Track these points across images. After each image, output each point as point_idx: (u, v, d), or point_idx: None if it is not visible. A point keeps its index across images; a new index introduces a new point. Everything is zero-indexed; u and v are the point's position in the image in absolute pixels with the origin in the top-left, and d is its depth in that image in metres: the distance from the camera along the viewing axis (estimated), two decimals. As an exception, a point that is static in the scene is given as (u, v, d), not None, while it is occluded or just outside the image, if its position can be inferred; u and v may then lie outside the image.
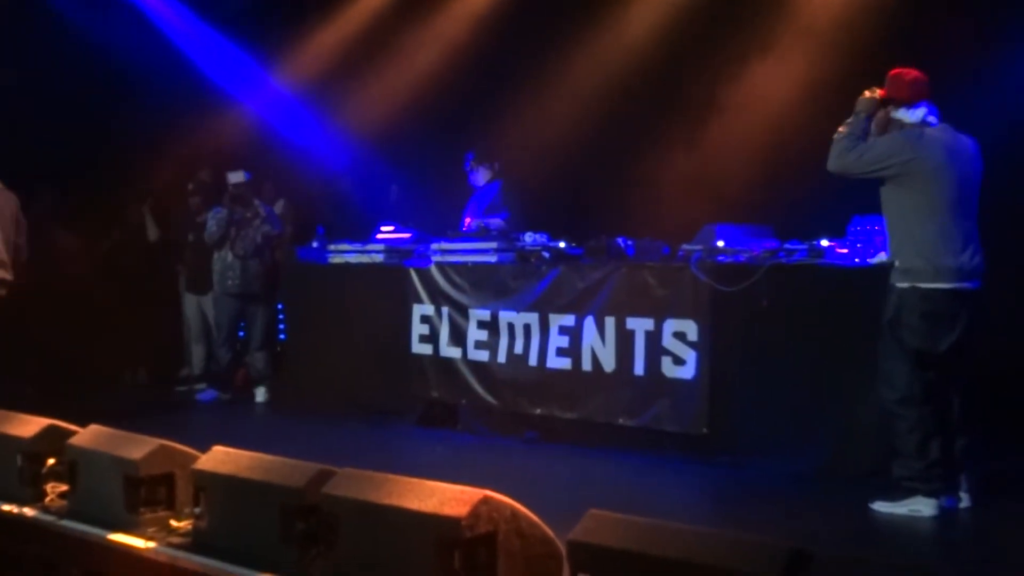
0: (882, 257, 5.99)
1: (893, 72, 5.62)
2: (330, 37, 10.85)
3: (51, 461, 4.57)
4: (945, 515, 5.35)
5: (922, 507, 5.34)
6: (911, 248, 5.42)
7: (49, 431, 4.68)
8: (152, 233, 10.66)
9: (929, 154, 5.42)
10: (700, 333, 6.61)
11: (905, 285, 5.42)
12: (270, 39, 11.11)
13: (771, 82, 8.56)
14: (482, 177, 8.76)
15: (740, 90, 8.74)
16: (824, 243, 6.36)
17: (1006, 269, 5.88)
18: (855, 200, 6.51)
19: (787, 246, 6.55)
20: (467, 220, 8.58)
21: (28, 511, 4.51)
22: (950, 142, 5.50)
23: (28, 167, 9.63)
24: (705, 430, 6.59)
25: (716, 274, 6.57)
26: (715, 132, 8.72)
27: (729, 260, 6.66)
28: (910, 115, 5.55)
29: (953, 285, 5.39)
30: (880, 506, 5.43)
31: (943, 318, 5.40)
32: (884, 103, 5.60)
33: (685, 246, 6.92)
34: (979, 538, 5.30)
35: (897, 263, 5.46)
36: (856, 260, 6.18)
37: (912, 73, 5.59)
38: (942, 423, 5.41)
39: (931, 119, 5.55)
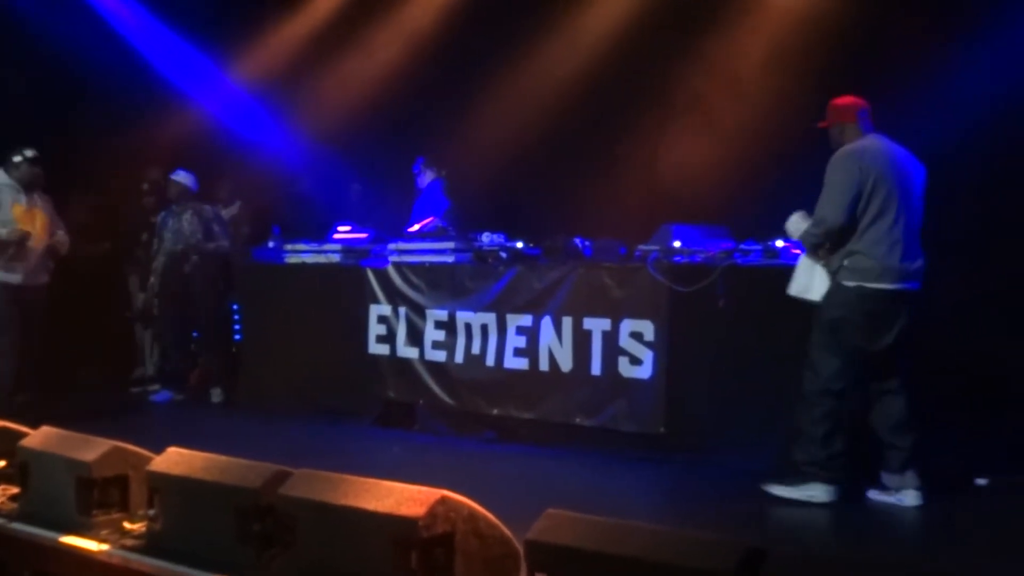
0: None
1: (832, 103, 5.85)
2: (287, 36, 10.80)
3: (2, 463, 4.52)
4: (897, 511, 5.42)
5: (818, 493, 5.50)
6: (859, 249, 5.55)
7: (0, 433, 4.62)
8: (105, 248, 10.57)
9: (871, 163, 5.59)
10: (657, 333, 6.64)
11: (852, 284, 5.56)
12: (226, 38, 11.02)
13: (727, 83, 8.62)
14: (426, 179, 9.11)
15: (696, 91, 8.80)
16: (779, 244, 6.42)
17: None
18: (810, 201, 6.57)
19: (743, 246, 6.60)
20: (417, 224, 8.64)
21: (-22, 514, 4.45)
22: (886, 150, 5.69)
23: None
24: (662, 429, 6.62)
25: (673, 274, 6.60)
26: (672, 133, 8.77)
27: (685, 260, 6.71)
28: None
29: (897, 286, 5.55)
30: (776, 490, 5.58)
31: (885, 317, 5.58)
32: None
33: (642, 246, 6.95)
34: (936, 535, 5.36)
35: (846, 263, 5.57)
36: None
37: (844, 99, 5.81)
38: (851, 419, 5.59)
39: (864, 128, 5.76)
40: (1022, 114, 6.87)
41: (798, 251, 6.31)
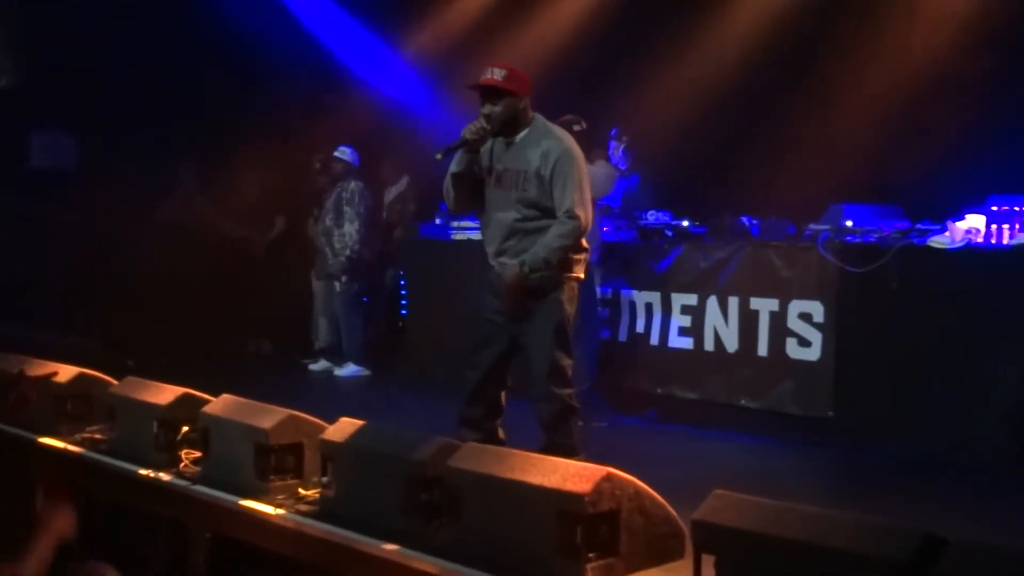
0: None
1: (514, 70, 5.38)
2: (454, 12, 10.88)
3: (185, 428, 4.71)
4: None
5: None
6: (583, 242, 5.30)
7: (184, 399, 4.83)
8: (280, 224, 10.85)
9: None
10: (827, 315, 6.49)
11: (583, 277, 5.37)
12: (393, 14, 11.19)
13: (900, 55, 8.32)
14: (624, 161, 8.71)
15: (867, 65, 8.52)
16: (960, 225, 6.16)
17: None
18: (991, 178, 6.31)
19: (918, 226, 6.38)
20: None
21: (163, 476, 4.67)
22: None
23: (166, 146, 10.12)
24: (830, 413, 6.48)
25: (844, 255, 6.44)
26: (842, 108, 8.51)
27: (857, 240, 6.53)
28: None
29: None
30: None
31: None
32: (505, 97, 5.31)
33: (812, 226, 6.80)
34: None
35: (580, 257, 5.30)
36: (992, 242, 5.99)
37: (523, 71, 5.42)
38: None
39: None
40: None
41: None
